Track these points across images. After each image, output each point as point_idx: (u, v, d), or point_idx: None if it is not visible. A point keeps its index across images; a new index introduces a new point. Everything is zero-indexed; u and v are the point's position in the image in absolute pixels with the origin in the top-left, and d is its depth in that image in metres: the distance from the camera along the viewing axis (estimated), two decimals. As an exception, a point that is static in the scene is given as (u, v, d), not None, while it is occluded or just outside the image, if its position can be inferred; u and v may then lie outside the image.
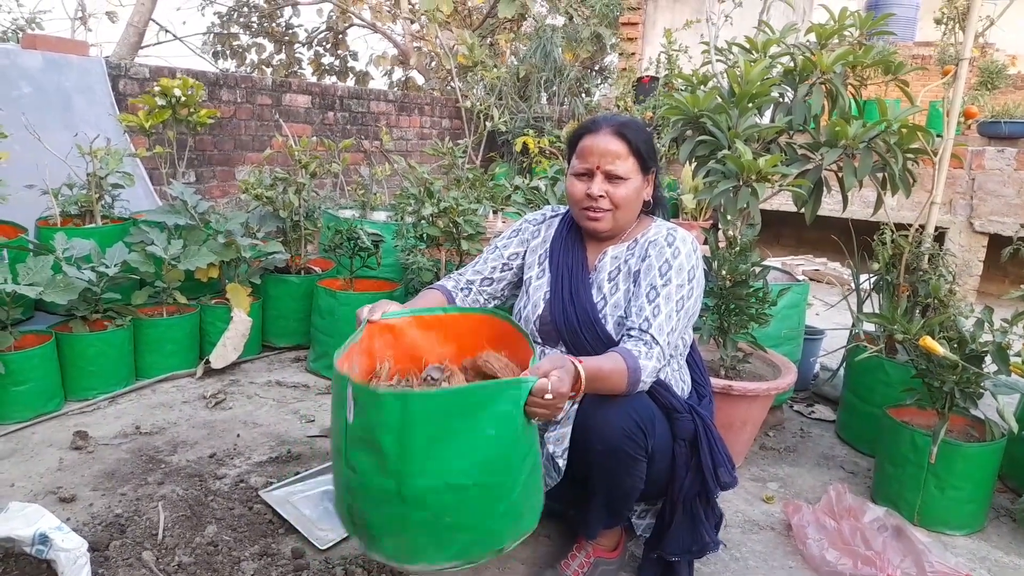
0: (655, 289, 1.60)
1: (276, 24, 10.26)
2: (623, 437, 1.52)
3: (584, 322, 1.68)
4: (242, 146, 4.72)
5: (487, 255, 1.87)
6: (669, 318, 1.57)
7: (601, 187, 1.65)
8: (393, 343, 1.56)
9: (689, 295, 1.62)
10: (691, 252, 1.66)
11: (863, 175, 2.26)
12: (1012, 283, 5.15)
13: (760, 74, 2.26)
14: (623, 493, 1.61)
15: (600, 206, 1.66)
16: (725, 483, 1.67)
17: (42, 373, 2.47)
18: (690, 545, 1.67)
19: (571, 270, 1.75)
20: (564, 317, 1.70)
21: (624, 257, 1.72)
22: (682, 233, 1.69)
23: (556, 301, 1.73)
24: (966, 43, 2.52)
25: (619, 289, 1.70)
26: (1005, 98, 5.47)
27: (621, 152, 1.64)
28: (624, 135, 1.65)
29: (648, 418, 1.55)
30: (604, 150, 1.64)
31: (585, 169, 1.67)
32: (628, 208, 1.68)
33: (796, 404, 2.99)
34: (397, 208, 3.23)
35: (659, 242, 1.67)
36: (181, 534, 1.82)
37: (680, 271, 1.62)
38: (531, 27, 7.95)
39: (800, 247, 6.32)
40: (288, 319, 3.29)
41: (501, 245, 1.87)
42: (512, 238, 1.87)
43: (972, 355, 1.96)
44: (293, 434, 2.47)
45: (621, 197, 1.65)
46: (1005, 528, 2.12)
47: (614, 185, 1.65)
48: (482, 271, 1.85)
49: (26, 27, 7.56)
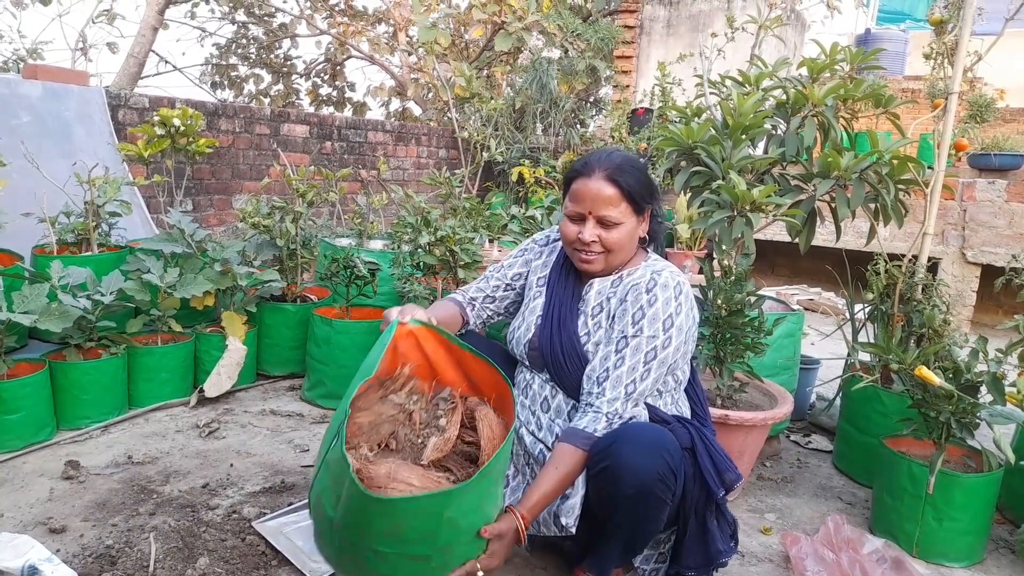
0: (626, 339, 1.60)
1: (274, 55, 10.38)
2: (656, 480, 1.49)
3: (569, 354, 1.69)
4: (240, 175, 4.75)
5: (491, 273, 1.89)
6: (633, 369, 1.57)
7: (593, 232, 1.64)
8: (416, 347, 1.62)
9: (665, 344, 1.59)
10: (670, 298, 1.62)
11: (856, 205, 2.28)
12: (1006, 313, 5.17)
13: (753, 106, 2.29)
14: (644, 535, 1.60)
15: (592, 250, 1.66)
16: (730, 481, 1.65)
17: (35, 402, 2.45)
18: (705, 554, 1.65)
19: (563, 300, 1.76)
20: (551, 345, 1.71)
21: (607, 294, 1.72)
22: (665, 277, 1.65)
23: (545, 327, 1.74)
24: (955, 77, 2.56)
25: (601, 327, 1.70)
26: (994, 131, 5.55)
27: (614, 198, 1.63)
28: (617, 180, 1.62)
29: (678, 458, 1.54)
30: (596, 195, 1.63)
31: (577, 213, 1.66)
32: (621, 251, 1.68)
33: (793, 434, 2.98)
34: (394, 237, 3.24)
35: (639, 286, 1.64)
36: (173, 566, 1.79)
37: (654, 320, 1.59)
38: (527, 59, 8.06)
39: (794, 277, 6.35)
40: (283, 347, 3.28)
41: (506, 264, 1.89)
42: (517, 258, 1.90)
43: (967, 385, 1.96)
44: (287, 464, 2.45)
45: (613, 241, 1.65)
46: (1005, 560, 2.11)
47: (607, 230, 1.64)
48: (485, 289, 1.88)
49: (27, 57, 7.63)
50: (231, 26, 10.02)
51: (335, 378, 2.96)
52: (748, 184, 2.17)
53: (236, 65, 10.28)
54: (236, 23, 9.97)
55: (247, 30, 10.15)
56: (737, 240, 2.20)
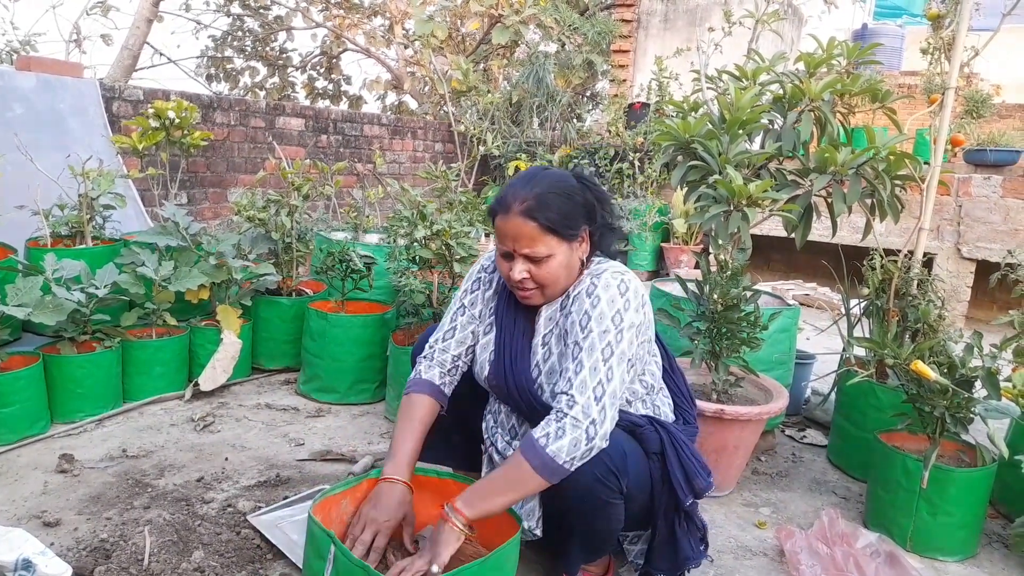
0: (578, 345, 1.51)
1: (270, 48, 10.33)
2: (594, 482, 1.47)
3: (521, 391, 1.65)
4: (235, 168, 4.73)
5: (459, 319, 1.78)
6: (594, 370, 1.47)
7: (522, 270, 1.56)
8: None
9: (618, 339, 1.50)
10: (615, 296, 1.54)
11: (852, 201, 2.28)
12: (1000, 309, 5.19)
13: (750, 101, 2.29)
14: (601, 534, 1.59)
15: (526, 287, 1.59)
16: (700, 489, 1.62)
17: (29, 395, 2.44)
18: (673, 560, 1.66)
19: (512, 333, 1.70)
20: (506, 383, 1.67)
21: (557, 318, 1.66)
22: (605, 278, 1.57)
23: (499, 365, 1.69)
24: (952, 73, 2.56)
25: (552, 353, 1.64)
26: (990, 126, 5.57)
27: (535, 234, 1.52)
28: (534, 216, 1.51)
29: (619, 458, 1.51)
30: (516, 234, 1.53)
31: (504, 251, 1.58)
32: (557, 281, 1.59)
33: (788, 429, 2.98)
34: (389, 230, 3.23)
35: (580, 296, 1.58)
36: (167, 559, 1.78)
37: (601, 319, 1.51)
38: (524, 54, 8.04)
39: (790, 272, 6.36)
40: (278, 341, 3.27)
41: (468, 303, 1.79)
42: (475, 293, 1.80)
43: (962, 380, 1.96)
44: (282, 458, 2.45)
45: (545, 276, 1.56)
46: (997, 554, 2.12)
47: (536, 265, 1.55)
48: (464, 340, 1.77)
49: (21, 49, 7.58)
50: (226, 18, 9.97)
51: (330, 372, 2.96)
52: (745, 179, 2.16)
53: (231, 58, 10.23)
54: (231, 15, 9.92)
55: (242, 22, 10.10)
56: (733, 235, 2.20)
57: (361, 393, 3.00)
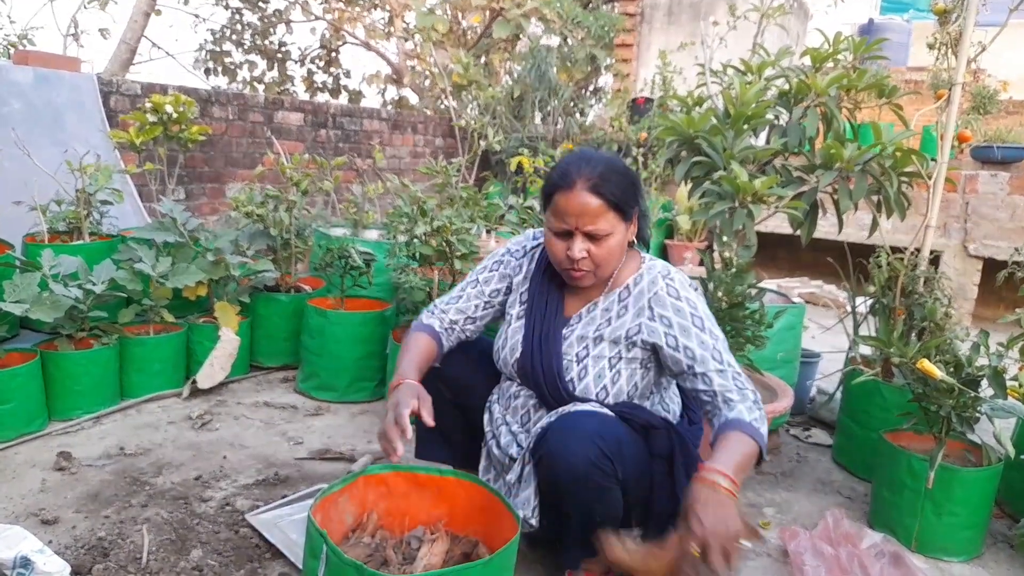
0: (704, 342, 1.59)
1: (269, 42, 10.28)
2: (588, 466, 1.47)
3: (548, 378, 1.65)
4: (233, 163, 4.70)
5: (468, 290, 1.81)
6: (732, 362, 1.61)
7: (582, 248, 1.56)
8: (387, 495, 1.63)
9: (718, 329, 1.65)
10: (696, 295, 1.66)
11: (858, 197, 2.25)
12: (1007, 307, 5.16)
13: (755, 96, 2.26)
14: (601, 520, 1.57)
15: (582, 267, 1.58)
16: None
17: (26, 392, 2.42)
18: None
19: (544, 317, 1.69)
20: (532, 368, 1.67)
21: (616, 310, 1.66)
22: (679, 279, 1.66)
23: (528, 349, 1.69)
24: (959, 68, 2.53)
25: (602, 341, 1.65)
26: (997, 123, 5.52)
27: (600, 210, 1.52)
28: (601, 191, 1.52)
29: (614, 444, 1.50)
30: (581, 210, 1.52)
31: (563, 229, 1.57)
32: (610, 261, 1.61)
33: (792, 428, 2.96)
34: (389, 227, 3.20)
35: (663, 299, 1.63)
36: (165, 558, 1.77)
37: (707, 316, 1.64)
38: (526, 47, 7.99)
39: (796, 269, 6.33)
40: (277, 338, 3.25)
41: (482, 280, 1.81)
42: (493, 271, 1.81)
43: (968, 379, 1.94)
44: (281, 456, 2.43)
45: (604, 255, 1.57)
46: (1003, 555, 2.10)
47: (596, 243, 1.56)
48: (465, 310, 1.80)
49: (18, 43, 7.55)
50: (225, 12, 9.92)
51: (329, 369, 2.94)
52: (750, 175, 2.14)
53: (230, 51, 10.18)
54: (230, 8, 9.87)
55: (241, 16, 10.05)
56: (738, 232, 2.18)
57: (360, 391, 2.97)
